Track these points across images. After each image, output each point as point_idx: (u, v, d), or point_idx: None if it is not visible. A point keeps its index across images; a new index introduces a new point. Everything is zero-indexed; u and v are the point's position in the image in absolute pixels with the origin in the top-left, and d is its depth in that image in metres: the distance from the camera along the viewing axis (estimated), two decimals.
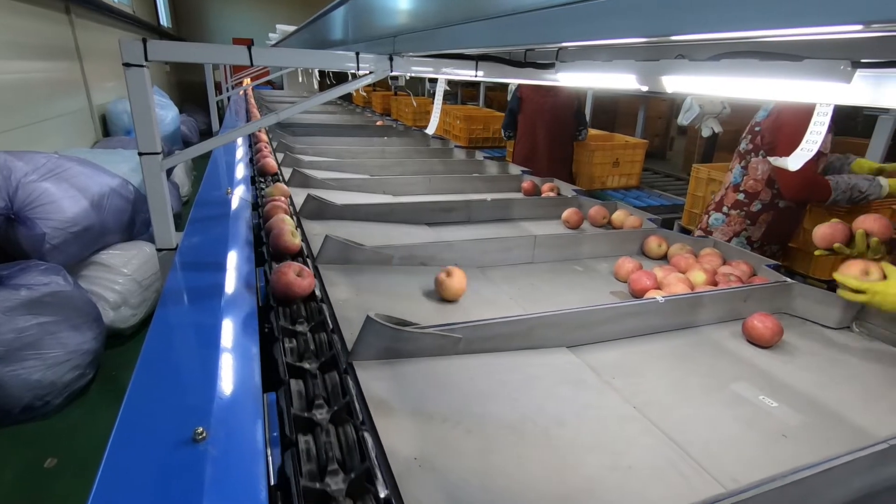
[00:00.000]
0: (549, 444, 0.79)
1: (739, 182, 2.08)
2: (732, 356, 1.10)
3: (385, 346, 0.95)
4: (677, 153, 6.33)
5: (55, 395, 2.32)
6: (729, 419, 0.89)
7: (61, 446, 2.21)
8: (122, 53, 1.21)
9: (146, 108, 1.27)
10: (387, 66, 1.43)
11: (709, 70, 0.78)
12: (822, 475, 0.68)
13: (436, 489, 0.68)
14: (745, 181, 2.06)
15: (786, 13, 0.40)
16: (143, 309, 3.04)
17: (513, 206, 2.04)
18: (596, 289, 1.42)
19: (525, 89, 3.44)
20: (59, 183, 2.82)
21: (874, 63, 0.62)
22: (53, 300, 2.36)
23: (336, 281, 1.28)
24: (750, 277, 1.45)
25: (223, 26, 11.40)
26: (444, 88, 2.20)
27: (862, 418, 0.91)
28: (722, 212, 2.14)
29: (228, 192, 1.85)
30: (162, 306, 1.04)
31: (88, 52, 5.12)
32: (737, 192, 2.09)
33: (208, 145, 1.44)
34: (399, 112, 5.68)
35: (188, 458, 0.65)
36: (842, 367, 1.09)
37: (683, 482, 0.73)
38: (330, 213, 1.77)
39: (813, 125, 1.15)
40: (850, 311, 1.25)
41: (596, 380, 0.98)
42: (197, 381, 0.81)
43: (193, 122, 8.42)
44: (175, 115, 6.59)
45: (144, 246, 3.21)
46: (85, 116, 5.05)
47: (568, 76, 1.26)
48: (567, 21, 0.67)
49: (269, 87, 8.86)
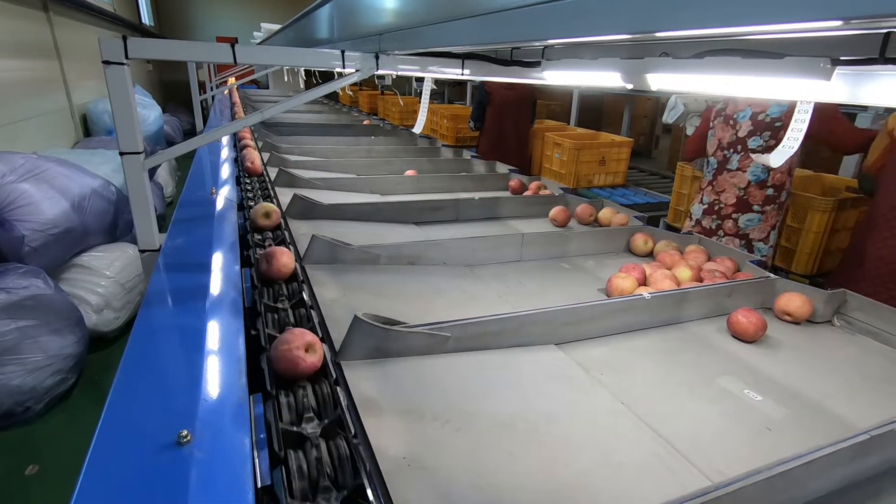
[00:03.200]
0: (538, 440, 0.79)
1: (764, 178, 2.04)
2: (718, 351, 1.12)
3: (373, 346, 0.94)
4: (662, 151, 6.39)
5: (36, 401, 2.28)
6: (715, 413, 0.90)
7: (43, 453, 2.16)
8: (102, 51, 1.19)
9: (127, 107, 1.24)
10: (373, 65, 1.42)
11: (692, 68, 0.79)
12: (805, 466, 0.69)
13: (426, 488, 0.68)
14: (771, 175, 2.03)
15: (766, 9, 0.40)
16: (126, 312, 2.99)
17: (500, 205, 2.04)
18: (583, 286, 1.43)
19: (491, 84, 3.71)
20: (38, 184, 2.76)
21: (853, 60, 0.63)
22: (33, 304, 2.31)
23: (323, 281, 1.27)
24: (734, 273, 1.47)
25: (207, 25, 11.25)
26: (430, 87, 2.19)
27: (844, 410, 0.93)
28: (753, 211, 2.09)
29: (213, 192, 1.83)
30: (145, 308, 1.02)
31: (68, 50, 5.02)
32: (763, 188, 2.05)
33: (192, 144, 1.42)
34: (386, 111, 5.66)
35: (172, 461, 0.64)
36: (824, 361, 1.11)
37: (671, 476, 0.74)
38: (317, 212, 1.76)
39: (793, 122, 1.17)
40: (832, 306, 1.27)
41: (584, 376, 0.98)
42: (181, 383, 0.80)
43: (177, 121, 8.31)
44: (158, 114, 6.49)
45: (127, 248, 3.16)
46: (65, 116, 4.95)
47: (554, 74, 1.26)
48: (552, 18, 0.67)
49: (254, 87, 8.76)
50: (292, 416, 0.78)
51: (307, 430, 0.74)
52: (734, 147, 2.08)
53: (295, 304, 1.12)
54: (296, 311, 1.10)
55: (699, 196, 2.29)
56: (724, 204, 2.15)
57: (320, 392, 0.84)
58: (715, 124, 2.17)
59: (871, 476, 0.78)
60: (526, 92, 3.74)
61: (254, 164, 2.27)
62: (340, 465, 0.68)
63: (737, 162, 2.09)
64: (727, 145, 2.11)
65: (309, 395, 0.83)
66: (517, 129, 3.82)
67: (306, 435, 0.73)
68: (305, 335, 0.86)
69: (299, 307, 1.11)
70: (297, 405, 0.80)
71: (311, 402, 0.81)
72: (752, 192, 2.08)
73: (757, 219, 2.10)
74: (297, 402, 0.81)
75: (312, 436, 0.73)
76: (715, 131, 2.17)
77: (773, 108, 1.98)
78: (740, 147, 2.06)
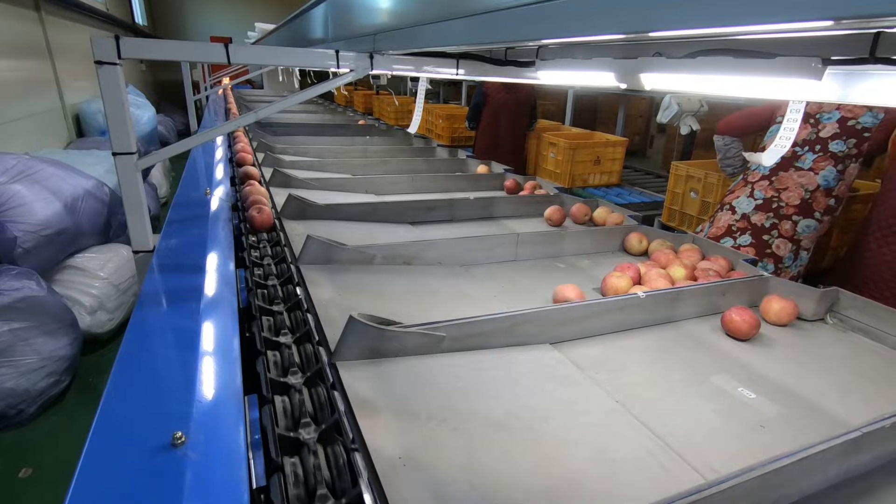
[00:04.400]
0: (534, 439, 0.79)
1: (833, 186, 1.90)
2: (712, 349, 1.12)
3: (369, 346, 0.94)
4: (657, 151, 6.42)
5: (29, 404, 2.26)
6: (709, 411, 0.90)
7: (36, 456, 2.15)
8: (94, 51, 1.18)
9: (120, 107, 1.24)
10: (367, 65, 1.42)
11: (685, 67, 0.79)
12: (798, 464, 0.70)
13: (422, 488, 0.68)
14: (838, 186, 1.90)
15: (758, 9, 0.41)
16: (120, 313, 2.97)
17: (495, 205, 2.04)
18: (578, 285, 1.43)
19: (490, 85, 3.74)
20: (30, 185, 2.74)
21: (844, 60, 0.63)
22: (26, 306, 2.29)
23: (318, 281, 1.27)
24: (728, 272, 1.48)
25: (201, 25, 11.20)
26: (425, 87, 2.19)
27: (836, 407, 0.94)
28: (814, 217, 1.93)
29: (207, 192, 1.82)
30: (139, 310, 1.01)
31: (60, 50, 4.98)
32: (828, 196, 1.91)
33: (185, 145, 1.41)
34: (381, 111, 5.66)
35: (167, 463, 0.63)
36: (816, 359, 1.11)
37: (665, 474, 0.75)
38: (312, 213, 1.76)
39: (786, 122, 1.18)
40: (825, 304, 1.28)
41: (579, 375, 0.99)
42: (175, 384, 0.79)
43: (171, 121, 8.26)
44: (152, 114, 6.46)
45: (121, 249, 3.14)
46: (57, 116, 4.91)
47: (548, 74, 1.26)
48: (546, 18, 0.67)
49: (248, 87, 8.72)
50: (289, 421, 0.78)
51: (304, 435, 0.74)
52: (811, 146, 1.94)
53: (290, 308, 1.12)
54: (291, 313, 1.10)
55: (747, 189, 2.06)
56: (785, 203, 1.95)
57: (316, 396, 0.84)
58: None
59: (863, 472, 0.79)
60: (524, 96, 3.75)
61: (262, 213, 1.57)
62: (338, 473, 0.68)
63: (811, 161, 1.93)
64: (802, 143, 1.96)
65: (306, 399, 0.83)
66: (513, 132, 3.83)
67: (303, 441, 0.73)
68: None
69: (295, 310, 1.11)
70: (293, 409, 0.80)
71: (308, 407, 0.81)
72: (817, 198, 1.92)
73: (814, 226, 1.94)
74: (294, 406, 0.81)
75: (310, 441, 0.73)
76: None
77: (866, 117, 1.87)
78: (819, 147, 1.92)
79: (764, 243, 1.96)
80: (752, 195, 2.03)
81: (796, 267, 1.99)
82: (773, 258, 1.95)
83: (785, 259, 1.96)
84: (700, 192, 2.62)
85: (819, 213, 1.93)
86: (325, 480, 0.67)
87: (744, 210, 2.04)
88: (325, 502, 0.64)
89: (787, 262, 1.96)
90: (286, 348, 0.96)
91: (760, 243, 1.96)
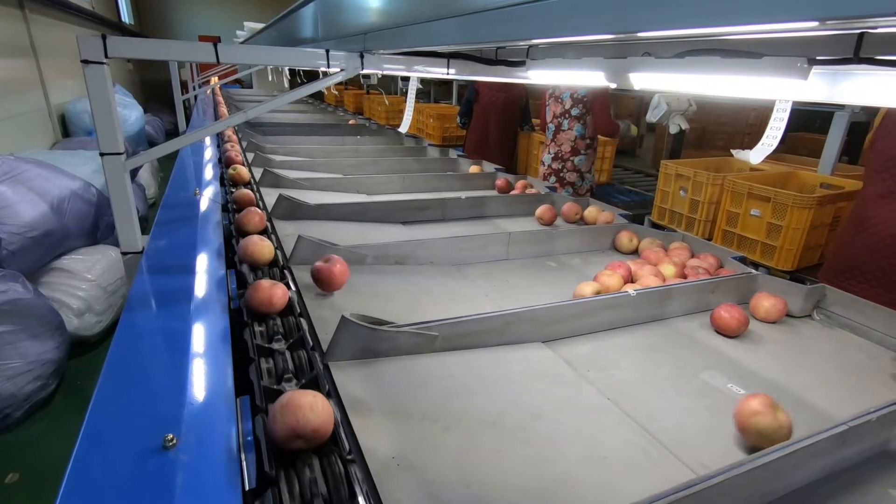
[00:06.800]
0: (526, 437, 0.80)
1: (584, 133, 2.95)
2: (701, 346, 1.14)
3: (361, 346, 0.94)
4: (647, 150, 6.46)
5: (15, 408, 2.22)
6: (699, 408, 0.91)
7: (23, 461, 2.12)
8: (81, 50, 1.16)
9: (107, 107, 1.22)
10: (357, 64, 1.42)
11: (674, 67, 0.80)
12: (786, 458, 0.71)
13: (415, 487, 0.68)
14: (587, 131, 2.99)
15: (745, 10, 0.41)
16: (108, 315, 2.94)
17: (487, 204, 2.05)
18: (570, 284, 1.43)
19: (482, 83, 3.79)
20: (15, 186, 2.69)
21: (829, 60, 0.64)
22: (11, 308, 2.26)
23: (311, 282, 1.26)
24: (717, 269, 1.49)
25: (189, 24, 11.09)
26: (416, 87, 2.19)
27: (823, 402, 0.95)
28: (582, 153, 3.03)
29: (196, 193, 1.81)
30: (128, 312, 1.00)
31: (45, 49, 4.90)
32: (584, 139, 3.01)
33: (174, 145, 1.40)
34: (372, 111, 5.64)
35: (158, 466, 0.63)
36: (804, 354, 1.13)
37: (656, 470, 0.75)
38: (302, 213, 1.75)
39: (773, 121, 1.19)
40: (812, 301, 1.30)
41: (571, 373, 0.99)
42: (166, 387, 0.79)
43: (159, 121, 8.18)
44: (139, 114, 6.38)
45: (109, 250, 3.10)
46: (42, 116, 4.84)
47: (539, 73, 1.27)
48: (536, 18, 0.67)
49: (237, 86, 8.66)
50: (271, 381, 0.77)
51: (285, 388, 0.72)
52: (564, 115, 3.08)
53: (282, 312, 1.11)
54: (284, 318, 1.09)
55: (545, 150, 3.27)
56: (564, 151, 3.14)
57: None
58: (549, 103, 3.18)
59: (849, 466, 0.80)
60: (515, 96, 3.76)
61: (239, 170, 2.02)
62: (335, 485, 0.66)
63: (566, 124, 3.09)
64: (560, 114, 3.09)
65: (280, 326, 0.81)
66: (503, 130, 3.84)
67: None
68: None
69: (287, 315, 1.10)
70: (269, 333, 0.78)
71: None
72: (578, 143, 3.08)
73: (583, 159, 3.12)
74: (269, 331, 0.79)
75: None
76: (550, 107, 3.17)
77: (583, 90, 2.91)
78: (567, 115, 3.05)
79: (561, 178, 3.15)
80: (549, 152, 3.20)
81: (587, 184, 3.18)
82: (570, 185, 3.15)
83: (576, 183, 3.15)
84: (689, 191, 2.64)
85: (583, 151, 3.10)
86: (321, 494, 0.65)
87: (548, 163, 3.22)
88: None
89: (578, 183, 3.15)
90: (279, 355, 0.95)
91: (559, 178, 3.15)
